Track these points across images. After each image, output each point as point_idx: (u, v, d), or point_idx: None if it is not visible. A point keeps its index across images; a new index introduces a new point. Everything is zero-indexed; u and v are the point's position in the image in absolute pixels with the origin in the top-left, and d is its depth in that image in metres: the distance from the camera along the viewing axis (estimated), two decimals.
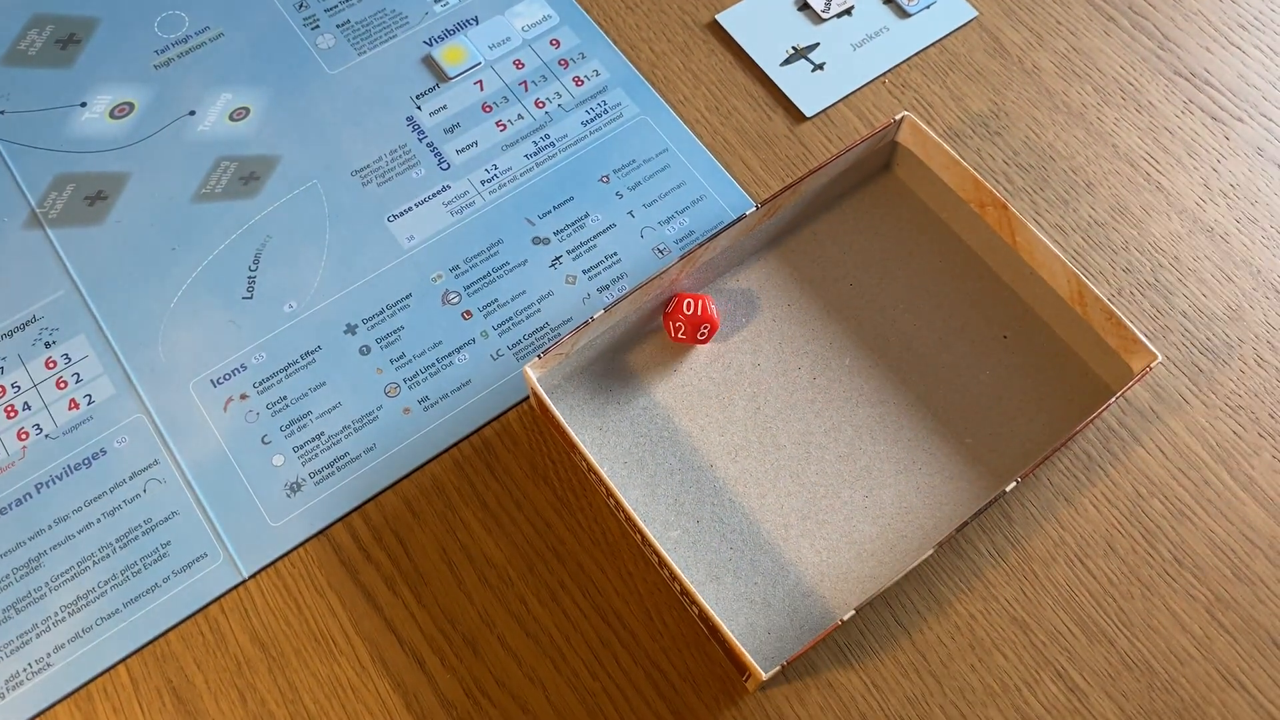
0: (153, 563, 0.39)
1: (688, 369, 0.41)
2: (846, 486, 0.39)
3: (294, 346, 0.43)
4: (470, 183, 0.46)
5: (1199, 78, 0.49)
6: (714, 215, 0.46)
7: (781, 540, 0.38)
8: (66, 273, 0.44)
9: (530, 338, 0.43)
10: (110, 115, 0.48)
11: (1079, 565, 0.38)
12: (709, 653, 0.37)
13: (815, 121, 0.48)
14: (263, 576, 0.38)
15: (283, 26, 0.50)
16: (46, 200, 0.46)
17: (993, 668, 0.37)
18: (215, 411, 0.41)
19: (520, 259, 0.45)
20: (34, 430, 0.41)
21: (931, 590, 0.38)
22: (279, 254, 0.44)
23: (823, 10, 0.50)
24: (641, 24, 0.51)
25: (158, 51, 0.49)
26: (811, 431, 0.40)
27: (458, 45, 0.50)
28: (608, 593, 0.38)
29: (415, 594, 0.38)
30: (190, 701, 0.36)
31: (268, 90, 0.48)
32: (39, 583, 0.38)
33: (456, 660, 0.37)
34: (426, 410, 0.41)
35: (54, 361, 0.42)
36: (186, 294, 0.44)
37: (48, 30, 0.50)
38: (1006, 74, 0.49)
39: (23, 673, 0.37)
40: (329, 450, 0.41)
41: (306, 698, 0.36)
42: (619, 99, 0.48)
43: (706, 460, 0.39)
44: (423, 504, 0.40)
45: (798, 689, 0.36)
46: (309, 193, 0.46)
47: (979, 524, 0.39)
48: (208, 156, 0.47)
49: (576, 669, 0.37)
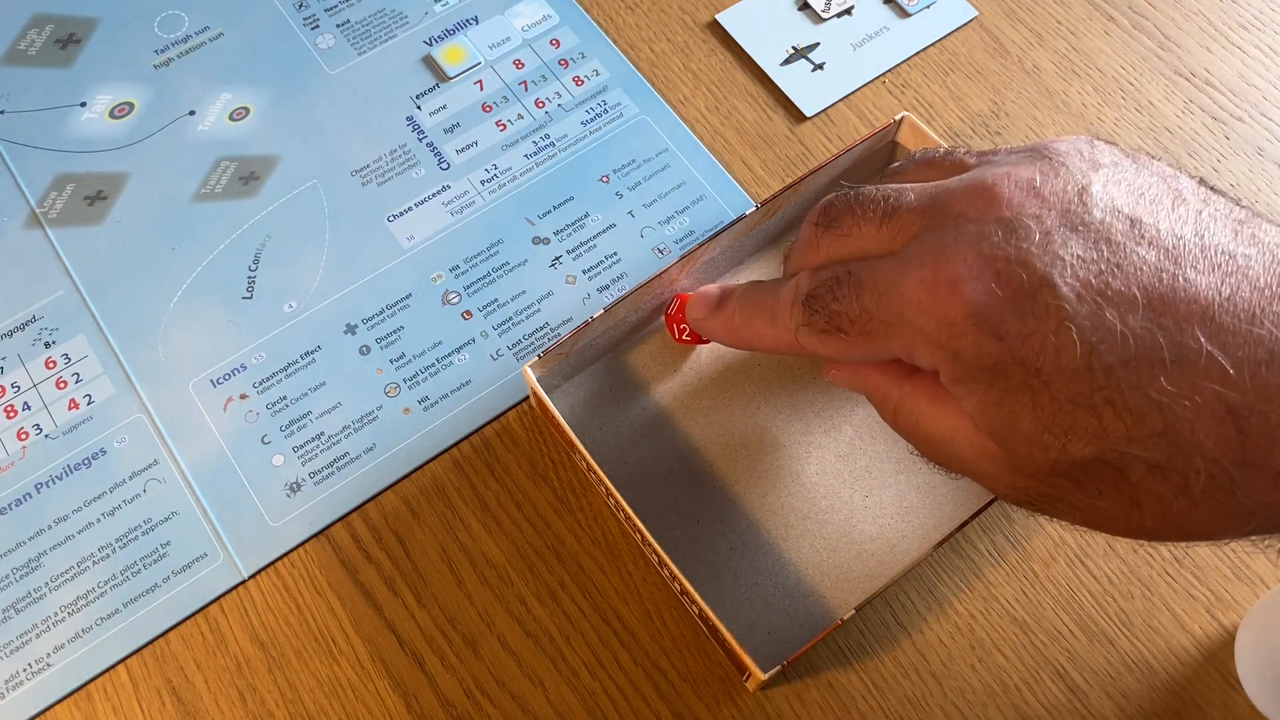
0: (153, 563, 0.39)
1: (687, 369, 0.41)
2: (846, 486, 0.39)
3: (294, 346, 0.43)
4: (470, 183, 0.46)
5: (1199, 78, 0.49)
6: (714, 215, 0.46)
7: (781, 540, 0.38)
8: (66, 273, 0.44)
9: (530, 338, 0.43)
10: (110, 115, 0.48)
11: (1079, 565, 0.38)
12: (709, 653, 0.37)
13: (815, 121, 0.48)
14: (263, 576, 0.38)
15: (283, 26, 0.50)
16: (46, 200, 0.46)
17: (993, 668, 0.37)
18: (215, 411, 0.41)
19: (520, 259, 0.45)
20: (34, 430, 0.41)
21: (931, 590, 0.38)
22: (279, 254, 0.44)
23: (823, 10, 0.50)
24: (641, 24, 0.51)
25: (157, 51, 0.49)
26: (811, 431, 0.40)
27: (458, 45, 0.50)
28: (608, 593, 0.38)
29: (415, 594, 0.38)
30: (190, 701, 0.36)
31: (268, 90, 0.48)
32: (39, 583, 0.38)
33: (456, 660, 0.37)
34: (426, 410, 0.41)
35: (54, 361, 0.42)
36: (186, 294, 0.44)
37: (47, 30, 0.50)
38: (1006, 74, 0.49)
39: (22, 673, 0.37)
40: (329, 450, 0.41)
41: (306, 698, 0.36)
42: (619, 99, 0.48)
43: (706, 460, 0.39)
44: (422, 504, 0.40)
45: (798, 689, 0.36)
46: (309, 193, 0.46)
47: (979, 524, 0.39)
48: (207, 156, 0.47)
49: (576, 669, 0.37)
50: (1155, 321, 0.25)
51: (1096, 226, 0.26)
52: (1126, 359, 0.25)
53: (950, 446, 0.29)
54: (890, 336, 0.29)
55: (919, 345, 0.28)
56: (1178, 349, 0.24)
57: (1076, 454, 0.26)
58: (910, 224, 0.29)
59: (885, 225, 0.30)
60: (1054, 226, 0.26)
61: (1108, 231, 0.26)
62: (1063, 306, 0.25)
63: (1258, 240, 0.26)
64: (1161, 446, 0.25)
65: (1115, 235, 0.26)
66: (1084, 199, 0.27)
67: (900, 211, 0.30)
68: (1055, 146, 0.29)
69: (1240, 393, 0.24)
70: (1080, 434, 0.25)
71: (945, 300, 0.27)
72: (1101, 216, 0.26)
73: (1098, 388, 0.25)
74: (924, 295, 0.27)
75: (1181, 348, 0.24)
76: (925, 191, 0.30)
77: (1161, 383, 0.24)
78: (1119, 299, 0.25)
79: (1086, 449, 0.25)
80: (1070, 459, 0.26)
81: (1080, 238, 0.26)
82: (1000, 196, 0.27)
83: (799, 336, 0.32)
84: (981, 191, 0.28)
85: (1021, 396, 0.26)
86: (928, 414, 0.30)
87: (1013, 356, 0.26)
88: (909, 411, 0.31)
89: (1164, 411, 0.24)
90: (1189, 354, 0.24)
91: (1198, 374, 0.24)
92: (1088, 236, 0.26)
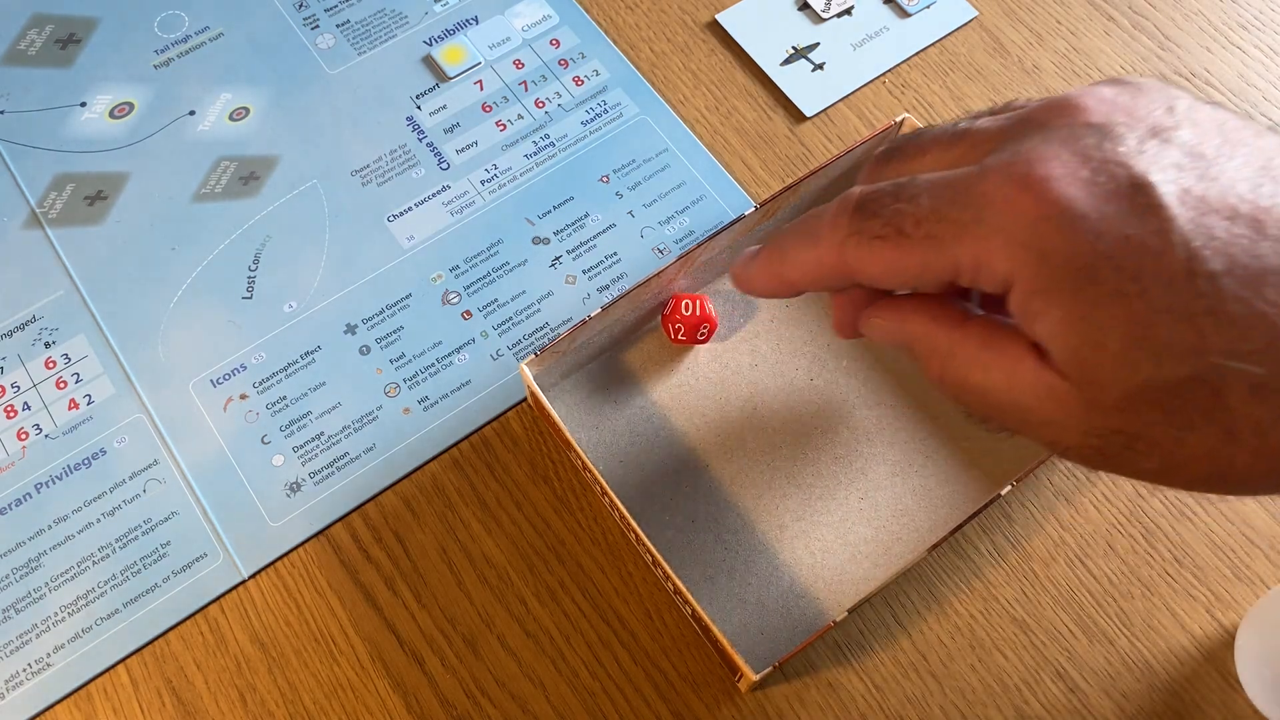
0: (153, 563, 0.39)
1: (685, 369, 0.41)
2: (842, 488, 0.39)
3: (294, 346, 0.43)
4: (470, 183, 0.46)
5: (1199, 78, 0.49)
6: (714, 215, 0.46)
7: (776, 541, 0.38)
8: (66, 273, 0.44)
9: (530, 338, 0.43)
10: (110, 115, 0.48)
11: (1079, 565, 0.38)
12: (709, 653, 0.37)
13: (815, 121, 0.48)
14: (262, 576, 0.39)
15: (283, 26, 0.50)
16: (46, 200, 0.46)
17: (993, 668, 0.37)
18: (215, 411, 0.41)
19: (520, 259, 0.45)
20: (34, 430, 0.41)
21: (931, 590, 0.38)
22: (279, 254, 0.45)
23: (823, 10, 0.50)
24: (641, 24, 0.51)
25: (157, 51, 0.49)
26: (808, 433, 0.40)
27: (458, 45, 0.50)
28: (608, 593, 0.38)
29: (415, 594, 0.38)
30: (190, 701, 0.36)
31: (268, 90, 0.49)
32: (39, 583, 0.38)
33: (456, 660, 0.37)
34: (426, 410, 0.41)
35: (54, 361, 0.42)
36: (186, 294, 0.44)
37: (47, 30, 0.50)
38: (1006, 74, 0.49)
39: (22, 673, 0.37)
40: (329, 450, 0.41)
41: (306, 698, 0.37)
42: (619, 99, 0.48)
43: (702, 460, 0.39)
44: (422, 504, 0.40)
45: (797, 689, 0.36)
46: (309, 193, 0.46)
47: (979, 524, 0.39)
48: (207, 156, 0.47)
49: (576, 669, 0.37)
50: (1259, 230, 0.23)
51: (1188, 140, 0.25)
52: (1231, 267, 0.23)
53: (1009, 395, 0.27)
54: (961, 240, 0.26)
55: (997, 248, 0.25)
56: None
57: (1170, 373, 0.23)
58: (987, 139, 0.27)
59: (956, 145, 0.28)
60: (1146, 134, 0.25)
61: (1199, 146, 0.25)
62: (1164, 207, 0.23)
63: None
64: (1267, 362, 0.23)
65: (1207, 150, 0.25)
66: (1172, 114, 0.25)
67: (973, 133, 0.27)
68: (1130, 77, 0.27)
69: None
70: (1177, 349, 0.23)
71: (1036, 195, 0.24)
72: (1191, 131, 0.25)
73: (1199, 295, 0.23)
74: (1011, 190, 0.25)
75: None
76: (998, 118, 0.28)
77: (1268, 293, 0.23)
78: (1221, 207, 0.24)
79: (1182, 367, 0.23)
80: (1163, 379, 0.23)
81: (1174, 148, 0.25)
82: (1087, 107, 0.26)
83: (845, 249, 0.28)
84: (1065, 105, 0.26)
85: (1113, 307, 0.24)
86: (983, 361, 0.27)
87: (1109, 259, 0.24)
88: (961, 361, 0.28)
89: (1270, 324, 0.23)
90: None
91: None
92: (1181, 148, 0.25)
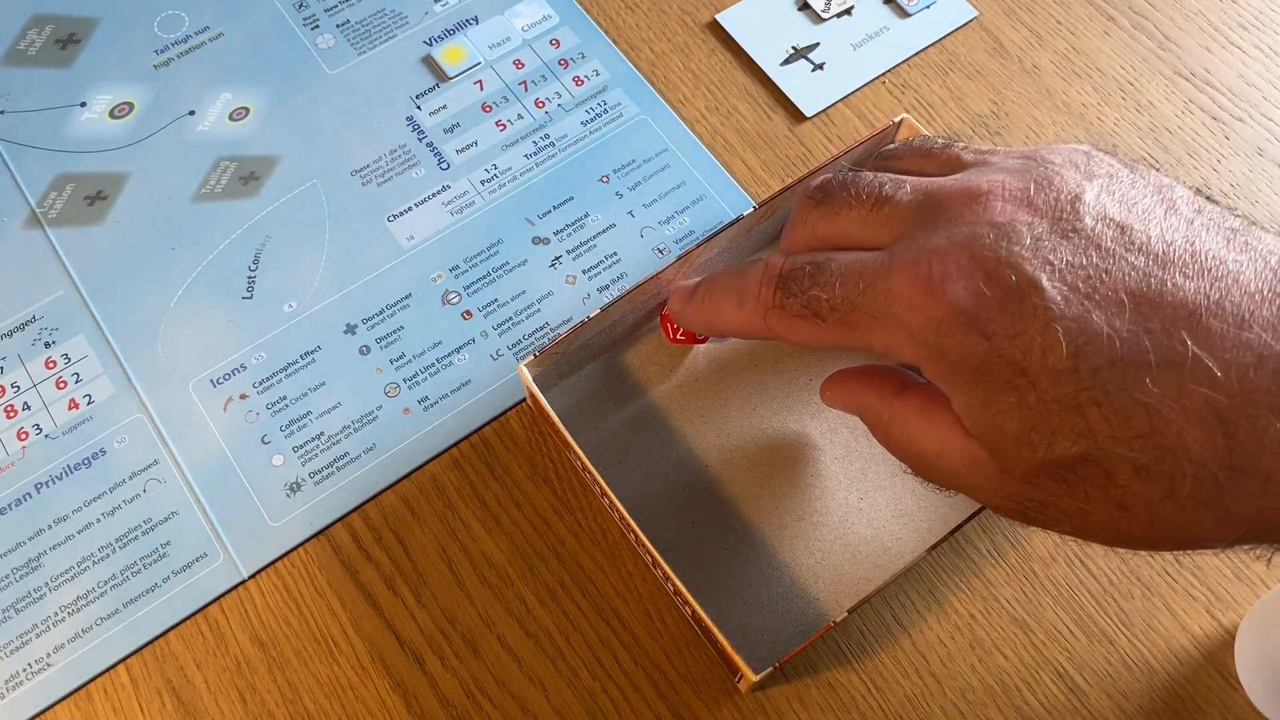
0: (152, 563, 0.39)
1: (684, 369, 0.41)
2: (842, 488, 0.39)
3: (294, 346, 0.43)
4: (470, 183, 0.46)
5: (1199, 78, 0.49)
6: (714, 215, 0.46)
7: (776, 541, 0.38)
8: (66, 273, 0.44)
9: (530, 338, 0.43)
10: (110, 115, 0.48)
11: (1079, 565, 0.38)
12: (709, 653, 0.37)
13: (815, 121, 0.48)
14: (262, 576, 0.39)
15: (283, 26, 0.50)
16: (46, 200, 0.46)
17: (993, 668, 0.37)
18: (215, 411, 0.41)
19: (520, 259, 0.45)
20: (33, 430, 0.41)
21: (931, 590, 0.38)
22: (279, 254, 0.45)
23: (823, 10, 0.50)
24: (641, 24, 0.51)
25: (157, 51, 0.49)
26: (807, 433, 0.40)
27: (457, 45, 0.50)
28: (608, 593, 0.38)
29: (415, 594, 0.38)
30: (190, 701, 0.36)
31: (268, 90, 0.49)
32: (39, 583, 0.38)
33: (456, 660, 0.37)
34: (426, 410, 0.41)
35: (54, 361, 0.42)
36: (186, 294, 0.44)
37: (47, 30, 0.50)
38: (1006, 74, 0.49)
39: (22, 673, 0.37)
40: (329, 450, 0.41)
41: (306, 698, 0.37)
42: (619, 99, 0.48)
43: (701, 460, 0.39)
44: (422, 504, 0.40)
45: (797, 689, 0.36)
46: (309, 193, 0.46)
47: (978, 524, 0.39)
48: (207, 156, 0.47)
49: (576, 669, 0.37)
50: (1142, 325, 0.25)
51: (1086, 234, 0.27)
52: (1113, 360, 0.25)
53: (941, 461, 0.29)
54: (872, 330, 0.29)
55: (904, 342, 0.28)
56: (1164, 351, 0.25)
57: (1063, 452, 0.26)
58: (901, 218, 0.30)
59: (876, 212, 0.30)
60: (1044, 233, 0.27)
61: (1098, 239, 0.26)
62: (1050, 308, 0.26)
63: (1250, 247, 0.26)
64: (1148, 448, 0.25)
65: (1105, 242, 0.26)
66: (1076, 207, 0.27)
67: (893, 203, 0.30)
68: (1051, 157, 0.29)
69: (1227, 396, 0.24)
70: (1066, 433, 0.25)
71: (935, 298, 0.27)
72: (1092, 224, 0.27)
73: (1083, 388, 0.25)
74: (913, 292, 0.28)
75: (1168, 350, 0.25)
76: (920, 187, 0.30)
77: (1147, 385, 0.25)
78: (1106, 302, 0.25)
79: (1073, 448, 0.25)
80: (1057, 457, 0.26)
81: (1070, 244, 0.26)
82: (994, 203, 0.28)
83: (769, 319, 0.32)
84: (976, 196, 0.28)
85: (1008, 396, 0.26)
86: (919, 430, 0.30)
87: (999, 356, 0.26)
88: (900, 429, 0.31)
89: (1150, 413, 0.25)
90: (1175, 357, 0.24)
91: (1184, 376, 0.24)
92: (1077, 243, 0.26)
